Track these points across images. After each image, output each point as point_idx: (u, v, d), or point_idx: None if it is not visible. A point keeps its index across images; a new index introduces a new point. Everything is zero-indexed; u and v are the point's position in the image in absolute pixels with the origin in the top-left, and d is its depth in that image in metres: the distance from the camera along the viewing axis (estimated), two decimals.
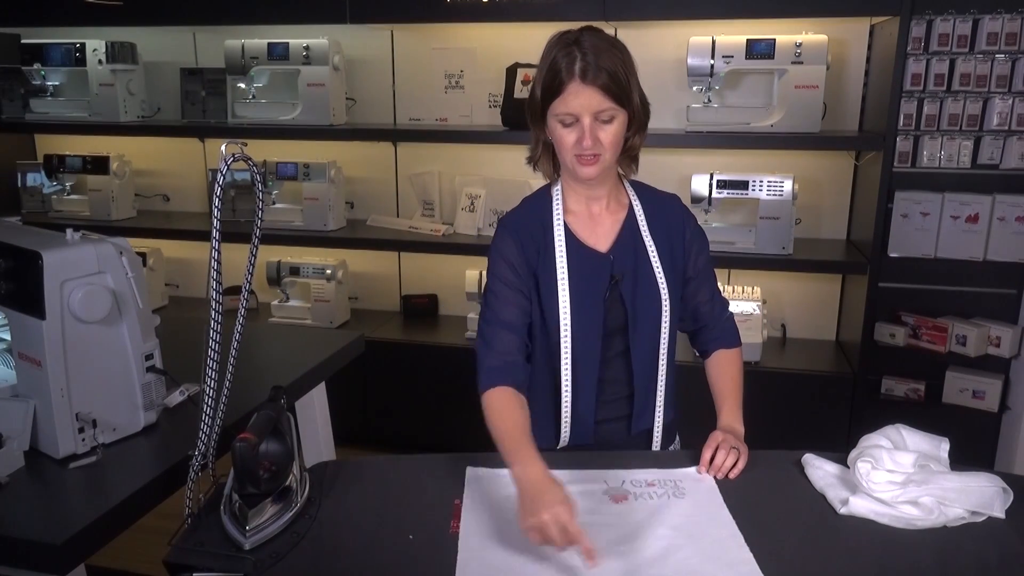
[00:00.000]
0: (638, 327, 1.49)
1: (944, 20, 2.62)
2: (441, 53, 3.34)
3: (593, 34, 1.39)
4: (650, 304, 1.50)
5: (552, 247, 1.48)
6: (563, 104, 1.37)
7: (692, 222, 1.59)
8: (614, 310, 1.49)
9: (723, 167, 3.02)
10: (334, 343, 2.05)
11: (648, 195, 1.58)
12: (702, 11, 2.79)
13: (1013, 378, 2.80)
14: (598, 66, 1.34)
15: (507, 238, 1.49)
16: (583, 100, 1.35)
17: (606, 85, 1.34)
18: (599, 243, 1.50)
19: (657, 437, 1.56)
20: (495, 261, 1.50)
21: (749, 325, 2.98)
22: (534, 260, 1.48)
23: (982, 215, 2.70)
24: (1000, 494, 1.27)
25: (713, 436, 1.46)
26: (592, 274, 1.48)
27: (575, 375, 1.48)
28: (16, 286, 1.39)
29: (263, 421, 1.25)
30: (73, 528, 1.20)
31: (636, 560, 1.16)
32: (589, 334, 1.48)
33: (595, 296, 1.47)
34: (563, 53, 1.36)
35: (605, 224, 1.52)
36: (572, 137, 1.39)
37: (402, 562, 1.16)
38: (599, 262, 1.49)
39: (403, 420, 3.28)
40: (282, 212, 3.42)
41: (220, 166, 1.15)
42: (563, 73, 1.35)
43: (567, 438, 1.52)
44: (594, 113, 1.36)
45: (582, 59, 1.34)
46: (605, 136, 1.38)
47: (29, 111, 3.67)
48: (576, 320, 1.46)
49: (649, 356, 1.52)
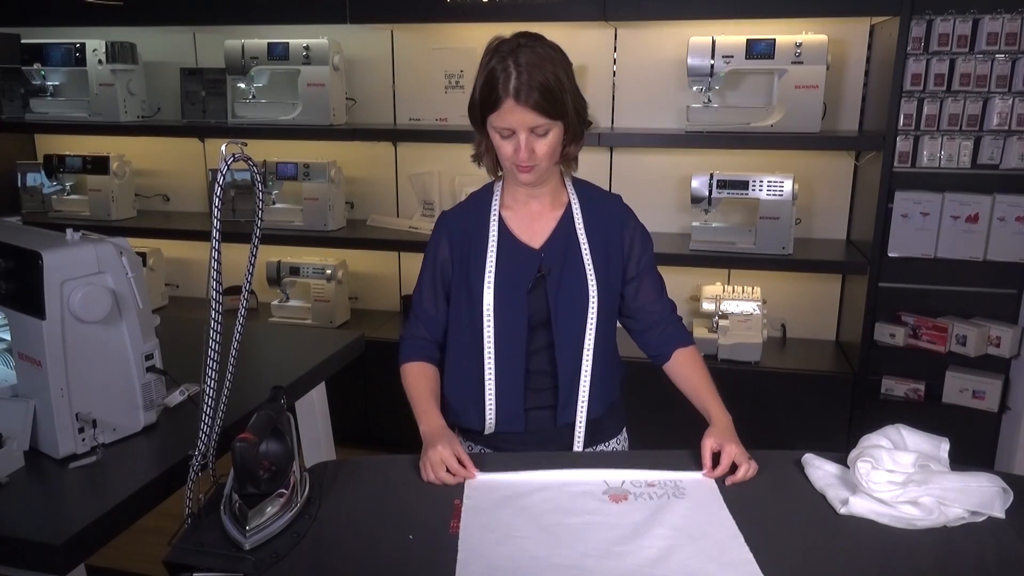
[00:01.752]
0: (561, 322, 1.54)
1: (944, 20, 2.62)
2: (441, 53, 3.34)
3: (530, 46, 1.42)
4: (575, 300, 1.53)
5: (486, 240, 1.55)
6: (500, 119, 1.43)
7: (632, 221, 1.62)
8: (538, 304, 1.54)
9: (723, 167, 3.02)
10: (334, 343, 2.06)
11: (590, 194, 1.62)
12: (702, 11, 2.79)
13: (1013, 378, 2.80)
14: (531, 85, 1.38)
15: (441, 236, 1.61)
16: (518, 117, 1.41)
17: (538, 104, 1.39)
18: (533, 239, 1.57)
19: (580, 432, 1.56)
20: (427, 255, 1.63)
21: (749, 325, 2.99)
22: (466, 253, 1.57)
23: (982, 215, 2.70)
24: (1000, 494, 1.27)
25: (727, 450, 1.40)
26: (519, 268, 1.54)
27: (500, 364, 1.54)
28: (16, 286, 1.39)
29: (263, 421, 1.25)
30: (73, 528, 1.20)
31: (636, 560, 1.16)
32: (513, 326, 1.53)
33: (519, 289, 1.53)
34: (500, 67, 1.40)
35: (542, 221, 1.58)
36: (510, 147, 1.45)
37: (402, 562, 1.16)
38: (528, 257, 1.55)
39: (403, 420, 3.25)
40: (282, 212, 3.42)
41: (220, 166, 1.15)
42: (499, 88, 1.40)
43: (492, 424, 1.57)
44: (529, 128, 1.42)
45: (516, 77, 1.38)
46: (541, 148, 1.44)
47: (29, 111, 3.67)
48: (499, 311, 1.53)
49: (574, 351, 1.54)
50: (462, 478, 1.39)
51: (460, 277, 1.58)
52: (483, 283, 1.53)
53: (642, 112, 3.21)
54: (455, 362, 1.61)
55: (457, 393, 1.61)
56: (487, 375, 1.54)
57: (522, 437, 1.58)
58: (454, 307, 1.60)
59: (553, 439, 1.58)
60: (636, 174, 3.25)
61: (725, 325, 3.00)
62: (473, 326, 1.55)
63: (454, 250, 1.59)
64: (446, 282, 1.61)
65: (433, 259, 1.62)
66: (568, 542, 1.20)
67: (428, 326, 1.63)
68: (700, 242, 2.97)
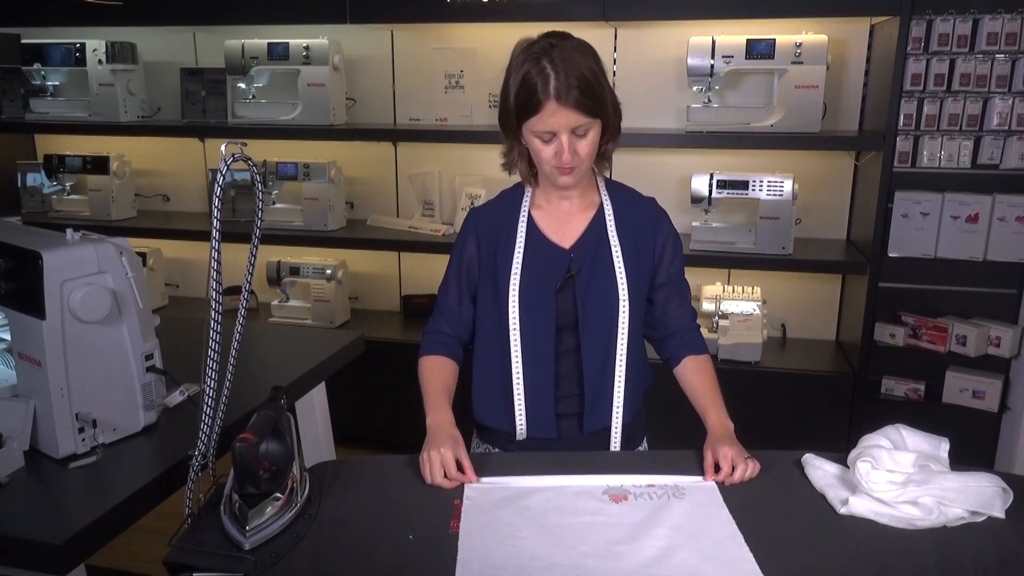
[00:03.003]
0: (588, 324, 1.50)
1: (944, 20, 2.62)
2: (441, 53, 3.34)
3: (562, 44, 1.38)
4: (605, 302, 1.50)
5: (514, 239, 1.53)
6: (540, 123, 1.39)
7: (666, 225, 1.58)
8: (566, 305, 1.51)
9: (723, 167, 3.02)
10: (334, 343, 2.06)
11: (624, 195, 1.59)
12: (702, 11, 2.79)
13: (1013, 378, 2.80)
14: (571, 84, 1.35)
15: (469, 233, 1.59)
16: (560, 119, 1.38)
17: (580, 102, 1.36)
18: (563, 239, 1.54)
19: (616, 439, 1.52)
20: (454, 251, 1.61)
21: (749, 325, 2.99)
22: (493, 251, 1.54)
23: (982, 215, 2.70)
24: (1000, 494, 1.27)
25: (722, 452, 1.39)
26: (548, 268, 1.51)
27: (527, 367, 1.50)
28: (16, 286, 1.39)
29: (263, 421, 1.25)
30: (73, 528, 1.20)
31: (636, 560, 1.16)
32: (540, 327, 1.50)
33: (547, 290, 1.50)
34: (536, 69, 1.36)
35: (573, 221, 1.55)
36: (550, 151, 1.42)
37: (402, 562, 1.16)
38: (557, 257, 1.52)
39: (403, 420, 3.27)
40: (282, 212, 3.42)
41: (220, 166, 1.15)
42: (539, 92, 1.36)
43: (524, 431, 1.53)
44: (571, 129, 1.39)
45: (555, 78, 1.35)
46: (582, 148, 1.42)
47: (29, 111, 3.67)
48: (525, 312, 1.50)
49: (602, 355, 1.51)
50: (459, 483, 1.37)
51: (487, 275, 1.55)
52: (509, 281, 1.50)
53: (642, 112, 3.21)
54: (483, 365, 1.58)
55: (486, 396, 1.58)
56: (515, 377, 1.51)
57: (555, 444, 1.54)
58: (481, 307, 1.58)
59: (584, 447, 1.53)
60: (636, 174, 3.23)
61: (725, 325, 3.00)
62: (500, 325, 1.52)
63: (482, 248, 1.57)
64: (472, 280, 1.58)
65: (460, 256, 1.59)
66: (568, 542, 1.20)
67: (451, 322, 1.61)
68: (700, 242, 2.97)
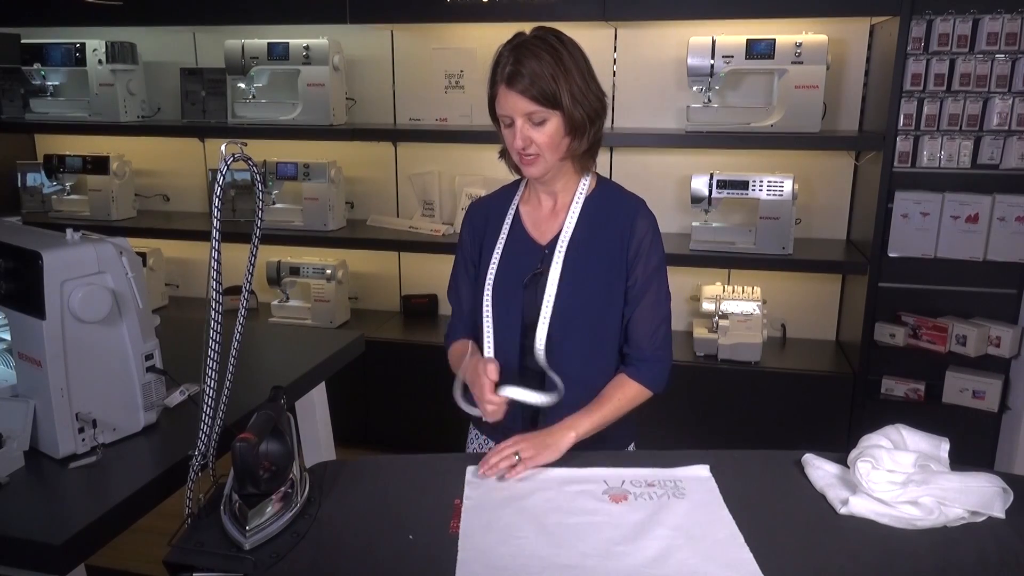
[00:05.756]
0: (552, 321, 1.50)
1: (944, 20, 2.62)
2: (441, 53, 3.34)
3: (539, 36, 1.44)
4: (570, 300, 1.50)
5: (499, 232, 1.58)
6: (499, 107, 1.45)
7: (642, 229, 1.54)
8: (533, 300, 1.52)
9: (723, 167, 3.02)
10: (334, 343, 2.06)
11: (608, 195, 1.59)
12: (702, 11, 2.79)
13: (1013, 378, 2.80)
14: (521, 72, 1.40)
15: (466, 223, 1.67)
16: (512, 103, 1.43)
17: (526, 89, 1.40)
18: (542, 235, 1.57)
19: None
20: (459, 243, 1.68)
21: (749, 325, 2.99)
22: (481, 243, 1.61)
23: (982, 215, 2.70)
24: (1000, 494, 1.27)
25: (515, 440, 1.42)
26: (522, 262, 1.55)
27: (500, 359, 1.51)
28: (16, 286, 1.39)
29: (263, 421, 1.25)
30: (73, 528, 1.20)
31: (636, 560, 1.16)
32: (508, 320, 1.54)
33: (518, 283, 1.54)
34: (499, 56, 1.44)
35: (554, 218, 1.57)
36: (511, 137, 1.46)
37: (402, 562, 1.16)
38: (533, 252, 1.56)
39: (403, 420, 3.28)
40: (282, 212, 3.42)
41: (220, 166, 1.15)
42: (496, 77, 1.44)
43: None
44: (524, 115, 1.43)
45: (509, 64, 1.41)
46: (539, 137, 1.44)
47: (29, 111, 3.67)
48: (497, 304, 1.54)
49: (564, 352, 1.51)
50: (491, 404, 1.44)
51: (476, 266, 1.61)
52: (487, 272, 1.56)
53: (642, 112, 3.21)
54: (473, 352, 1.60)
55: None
56: None
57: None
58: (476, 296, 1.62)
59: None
60: (636, 174, 3.25)
61: (725, 325, 3.00)
62: (477, 316, 1.57)
63: (474, 239, 1.63)
64: (471, 266, 1.65)
65: (461, 248, 1.67)
66: (568, 542, 1.20)
67: (466, 324, 1.66)
68: (700, 242, 2.97)
